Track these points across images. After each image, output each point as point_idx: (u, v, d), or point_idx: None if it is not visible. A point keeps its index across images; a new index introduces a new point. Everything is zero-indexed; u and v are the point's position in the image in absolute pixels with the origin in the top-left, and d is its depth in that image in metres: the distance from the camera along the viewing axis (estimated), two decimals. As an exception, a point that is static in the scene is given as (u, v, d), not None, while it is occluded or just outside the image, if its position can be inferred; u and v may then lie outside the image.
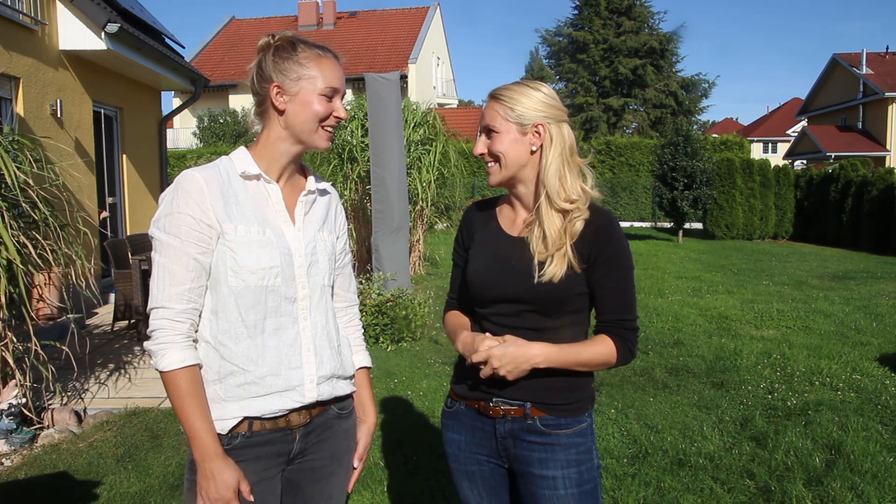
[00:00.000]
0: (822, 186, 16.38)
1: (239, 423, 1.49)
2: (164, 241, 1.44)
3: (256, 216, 1.50)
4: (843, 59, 30.96)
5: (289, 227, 1.54)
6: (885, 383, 4.87)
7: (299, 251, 1.54)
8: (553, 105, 1.60)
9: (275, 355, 1.50)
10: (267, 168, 1.55)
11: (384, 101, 6.95)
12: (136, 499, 3.22)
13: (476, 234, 1.74)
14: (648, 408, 4.41)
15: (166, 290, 1.44)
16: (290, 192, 1.59)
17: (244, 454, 1.50)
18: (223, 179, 1.49)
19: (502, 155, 1.61)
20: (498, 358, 1.52)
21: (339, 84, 1.54)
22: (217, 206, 1.45)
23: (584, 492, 1.61)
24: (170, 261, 1.44)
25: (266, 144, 1.55)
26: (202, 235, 1.44)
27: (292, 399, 1.52)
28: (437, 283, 9.13)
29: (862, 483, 3.25)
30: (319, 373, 1.56)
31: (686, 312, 7.50)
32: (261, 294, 1.47)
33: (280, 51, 1.52)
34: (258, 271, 1.47)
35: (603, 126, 33.78)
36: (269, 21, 33.05)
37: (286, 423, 1.54)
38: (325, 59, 1.53)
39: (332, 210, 1.69)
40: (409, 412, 4.36)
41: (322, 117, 1.52)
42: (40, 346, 3.97)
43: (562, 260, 1.56)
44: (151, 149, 10.11)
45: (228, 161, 1.54)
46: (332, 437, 1.63)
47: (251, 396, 1.49)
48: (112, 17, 7.29)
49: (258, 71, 1.54)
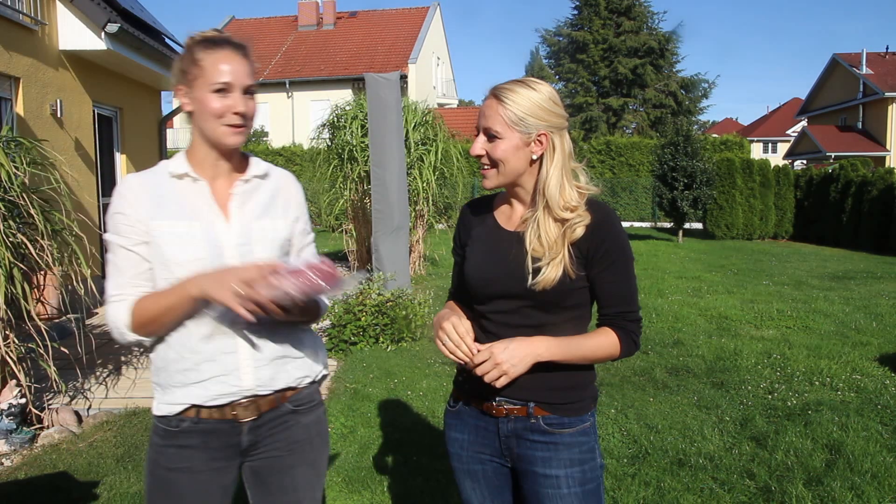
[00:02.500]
0: (822, 186, 16.38)
1: (186, 409, 1.57)
2: (108, 238, 1.56)
3: (185, 212, 1.55)
4: (843, 59, 30.96)
5: (221, 221, 1.57)
6: (885, 383, 4.87)
7: (230, 242, 1.57)
8: (557, 112, 1.57)
9: (208, 341, 1.55)
10: (197, 167, 1.59)
11: (384, 101, 6.94)
12: (136, 499, 3.22)
13: (473, 230, 1.73)
14: (648, 408, 4.41)
15: (113, 281, 1.55)
16: (227, 185, 1.62)
17: (191, 439, 1.57)
18: (157, 180, 1.58)
19: (502, 162, 1.57)
20: (500, 353, 1.51)
21: (230, 77, 1.51)
22: (146, 205, 1.54)
23: (587, 491, 1.61)
24: (113, 255, 1.56)
25: (192, 146, 1.62)
26: (132, 229, 1.53)
27: (229, 383, 1.56)
28: (437, 283, 9.13)
29: (862, 483, 3.25)
30: (258, 355, 1.58)
31: (686, 312, 7.50)
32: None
33: (185, 51, 1.56)
34: (184, 263, 1.52)
35: (603, 126, 33.75)
36: (268, 21, 33.04)
37: (233, 416, 1.58)
38: (216, 52, 1.52)
39: (279, 195, 1.68)
40: (409, 412, 4.36)
41: (218, 115, 1.52)
42: (40, 346, 3.97)
43: (557, 267, 1.54)
44: (151, 149, 10.11)
45: (165, 163, 1.62)
46: (287, 429, 1.65)
47: (192, 382, 1.56)
48: (112, 17, 7.29)
49: (173, 76, 1.60)
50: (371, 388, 4.80)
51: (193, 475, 1.59)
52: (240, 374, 1.56)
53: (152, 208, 1.53)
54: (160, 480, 1.60)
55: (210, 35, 1.55)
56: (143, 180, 1.57)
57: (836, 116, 32.25)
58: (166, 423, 1.60)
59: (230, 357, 1.56)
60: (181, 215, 1.54)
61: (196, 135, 1.59)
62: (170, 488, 1.59)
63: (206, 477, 1.59)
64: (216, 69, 1.51)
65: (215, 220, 1.57)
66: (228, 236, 1.57)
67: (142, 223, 1.53)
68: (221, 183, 1.61)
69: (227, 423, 1.58)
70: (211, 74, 1.51)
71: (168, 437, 1.59)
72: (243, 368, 1.56)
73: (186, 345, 1.55)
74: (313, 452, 1.70)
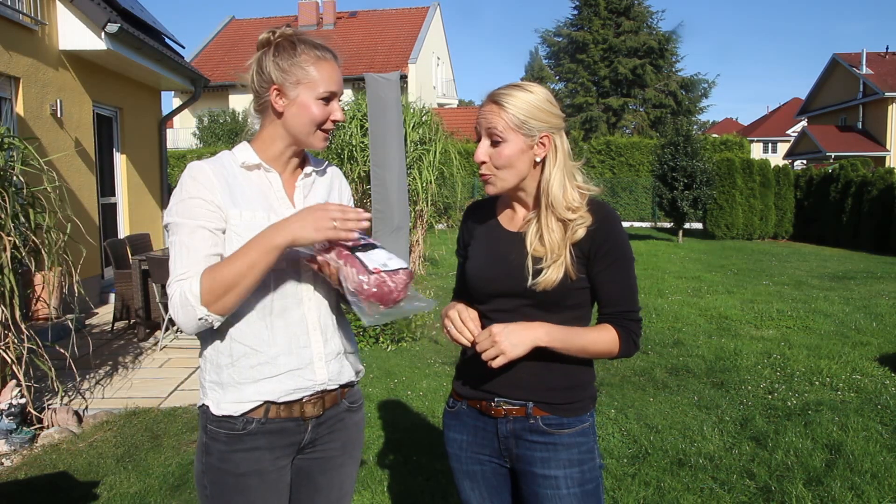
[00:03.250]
0: (822, 186, 16.38)
1: (255, 407, 1.52)
2: (178, 222, 1.48)
3: (261, 203, 1.54)
4: (843, 59, 30.97)
5: (290, 211, 1.57)
6: (885, 383, 4.87)
7: None
8: (556, 113, 1.58)
9: (284, 335, 1.54)
10: (267, 160, 1.59)
11: (384, 101, 6.94)
12: (136, 499, 3.22)
13: (476, 230, 1.75)
14: (648, 408, 4.41)
15: (184, 261, 1.45)
16: (292, 180, 1.63)
17: (258, 441, 1.53)
18: (227, 170, 1.54)
19: (507, 167, 1.57)
20: (499, 332, 1.50)
21: (337, 88, 1.56)
22: (223, 192, 1.50)
23: (586, 491, 1.61)
24: (185, 237, 1.47)
25: (265, 140, 1.59)
26: (213, 213, 1.48)
27: (304, 377, 1.55)
28: (437, 283, 9.13)
29: (862, 483, 3.25)
30: (327, 350, 1.59)
31: (686, 312, 7.50)
32: (267, 276, 1.49)
33: (280, 51, 1.53)
34: None
35: (602, 126, 33.75)
36: (269, 21, 33.02)
37: (301, 412, 1.57)
38: (325, 62, 1.54)
39: (334, 189, 1.73)
40: (409, 412, 4.36)
41: (319, 122, 1.55)
42: (40, 346, 3.97)
43: (558, 269, 1.55)
44: (151, 149, 10.11)
45: (230, 154, 1.59)
46: (344, 428, 1.67)
47: (264, 378, 1.52)
48: (112, 17, 7.29)
49: (258, 69, 1.55)
50: (371, 388, 4.80)
51: (262, 477, 1.55)
52: (314, 367, 1.56)
53: (227, 196, 1.50)
54: (229, 489, 1.54)
55: (317, 41, 1.55)
56: (214, 168, 1.52)
57: (836, 116, 32.25)
58: (230, 425, 1.52)
59: (305, 351, 1.55)
60: (256, 205, 1.53)
61: (274, 131, 1.57)
62: (241, 495, 1.54)
63: (275, 476, 1.56)
64: (326, 78, 1.53)
65: (285, 210, 1.56)
66: None
67: (221, 209, 1.49)
68: (287, 177, 1.62)
69: (293, 421, 1.56)
70: (320, 83, 1.52)
71: (234, 441, 1.53)
72: (317, 362, 1.57)
73: (260, 336, 1.52)
74: (357, 450, 1.73)
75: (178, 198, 1.50)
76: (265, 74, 1.53)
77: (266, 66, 1.53)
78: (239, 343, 1.52)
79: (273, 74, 1.52)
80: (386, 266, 1.44)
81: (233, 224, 1.50)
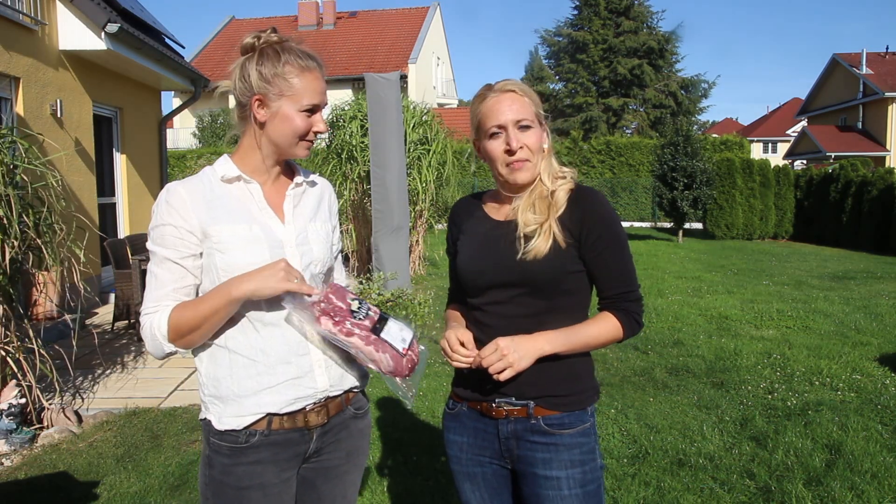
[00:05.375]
0: (822, 186, 16.38)
1: (257, 420, 1.50)
2: (152, 249, 1.52)
3: (242, 215, 1.52)
4: (843, 59, 30.96)
5: (276, 223, 1.56)
6: (885, 383, 4.87)
7: (290, 243, 1.56)
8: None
9: (282, 343, 1.52)
10: (249, 172, 1.57)
11: (384, 101, 6.95)
12: (136, 499, 3.22)
13: (464, 224, 1.76)
14: (648, 408, 4.41)
15: (153, 293, 1.51)
16: (277, 189, 1.61)
17: (262, 453, 1.51)
18: (206, 187, 1.53)
19: (539, 151, 1.63)
20: (506, 346, 1.51)
21: (320, 100, 1.53)
22: (200, 213, 1.49)
23: (587, 492, 1.61)
24: (155, 267, 1.51)
25: (246, 150, 1.57)
26: (182, 241, 1.49)
27: (305, 386, 1.53)
28: (437, 283, 9.13)
29: (862, 483, 3.25)
30: (327, 356, 1.57)
31: (686, 312, 7.50)
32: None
33: (264, 59, 1.50)
34: (247, 266, 1.48)
35: (602, 126, 33.75)
36: (269, 21, 33.01)
37: (304, 422, 1.55)
38: (309, 73, 1.51)
39: (324, 200, 1.71)
40: (409, 412, 4.35)
41: (302, 133, 1.53)
42: (40, 346, 3.97)
43: (546, 235, 1.56)
44: (151, 149, 10.11)
45: (211, 169, 1.58)
46: (349, 436, 1.65)
47: (264, 388, 1.50)
48: (112, 17, 7.29)
49: (241, 76, 1.52)
50: (371, 387, 4.79)
51: (265, 490, 1.52)
52: (314, 374, 1.54)
53: (207, 214, 1.49)
54: (230, 501, 1.52)
55: (302, 50, 1.52)
56: (190, 187, 1.51)
57: (836, 116, 32.25)
58: (233, 439, 1.50)
59: (304, 359, 1.54)
60: (238, 218, 1.51)
61: (253, 141, 1.55)
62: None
63: (278, 489, 1.54)
64: (309, 91, 1.50)
65: (270, 221, 1.55)
66: (287, 236, 1.56)
67: (194, 234, 1.48)
68: (269, 187, 1.59)
69: (297, 431, 1.54)
70: (303, 95, 1.49)
71: (236, 454, 1.50)
72: (316, 369, 1.55)
73: (256, 345, 1.51)
74: (361, 458, 1.70)
75: (153, 222, 1.52)
76: (247, 83, 1.50)
77: (249, 75, 1.50)
78: (238, 354, 1.51)
79: (256, 84, 1.49)
80: (404, 340, 1.53)
81: (214, 241, 1.48)
